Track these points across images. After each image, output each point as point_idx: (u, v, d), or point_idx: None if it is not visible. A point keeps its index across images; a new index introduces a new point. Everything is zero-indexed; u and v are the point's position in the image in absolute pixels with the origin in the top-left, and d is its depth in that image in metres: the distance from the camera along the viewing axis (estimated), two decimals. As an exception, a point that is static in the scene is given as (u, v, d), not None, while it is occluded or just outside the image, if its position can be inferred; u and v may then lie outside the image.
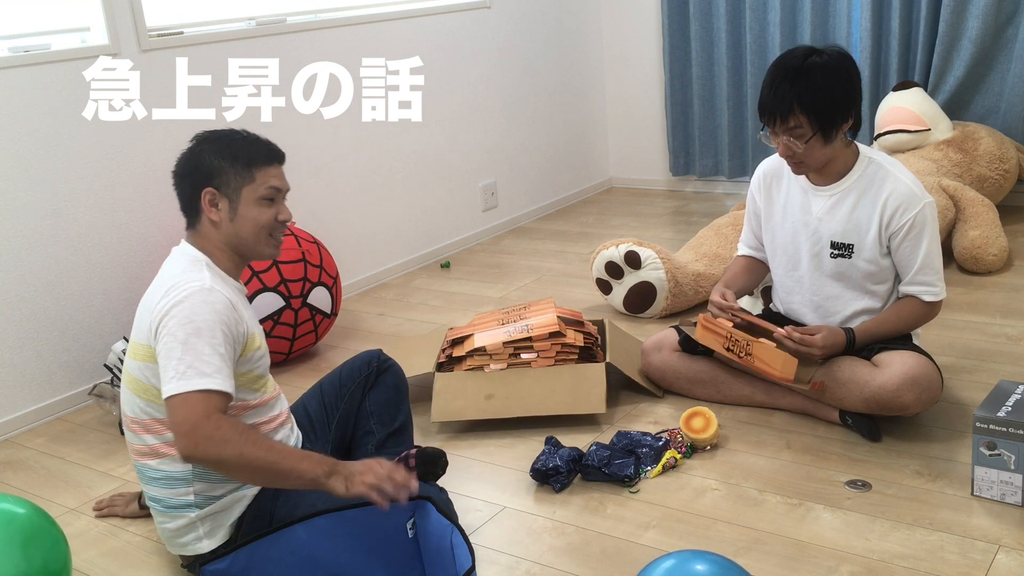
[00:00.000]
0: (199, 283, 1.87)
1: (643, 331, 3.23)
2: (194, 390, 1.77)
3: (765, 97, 2.36)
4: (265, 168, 1.98)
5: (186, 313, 1.82)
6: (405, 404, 2.31)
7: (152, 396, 1.91)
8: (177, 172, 2.02)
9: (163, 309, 1.85)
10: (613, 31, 5.29)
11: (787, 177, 2.57)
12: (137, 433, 1.97)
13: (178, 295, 1.85)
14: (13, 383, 2.96)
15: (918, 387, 2.33)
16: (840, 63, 2.34)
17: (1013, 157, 4.05)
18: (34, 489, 2.60)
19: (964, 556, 1.95)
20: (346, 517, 1.90)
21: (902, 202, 2.38)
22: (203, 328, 1.81)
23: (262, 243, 2.00)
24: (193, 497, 1.95)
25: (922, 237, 2.39)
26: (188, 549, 1.99)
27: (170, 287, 1.88)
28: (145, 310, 1.92)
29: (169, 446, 1.91)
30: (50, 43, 3.04)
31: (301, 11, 3.86)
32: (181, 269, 1.93)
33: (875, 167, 2.44)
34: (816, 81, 2.30)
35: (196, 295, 1.85)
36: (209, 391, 1.77)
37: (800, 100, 2.29)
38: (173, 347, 1.80)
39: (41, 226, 2.97)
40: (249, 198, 1.96)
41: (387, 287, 4.09)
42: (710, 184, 5.26)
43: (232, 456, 1.75)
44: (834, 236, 2.48)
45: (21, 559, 1.84)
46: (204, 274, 1.91)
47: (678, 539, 2.09)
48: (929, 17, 4.24)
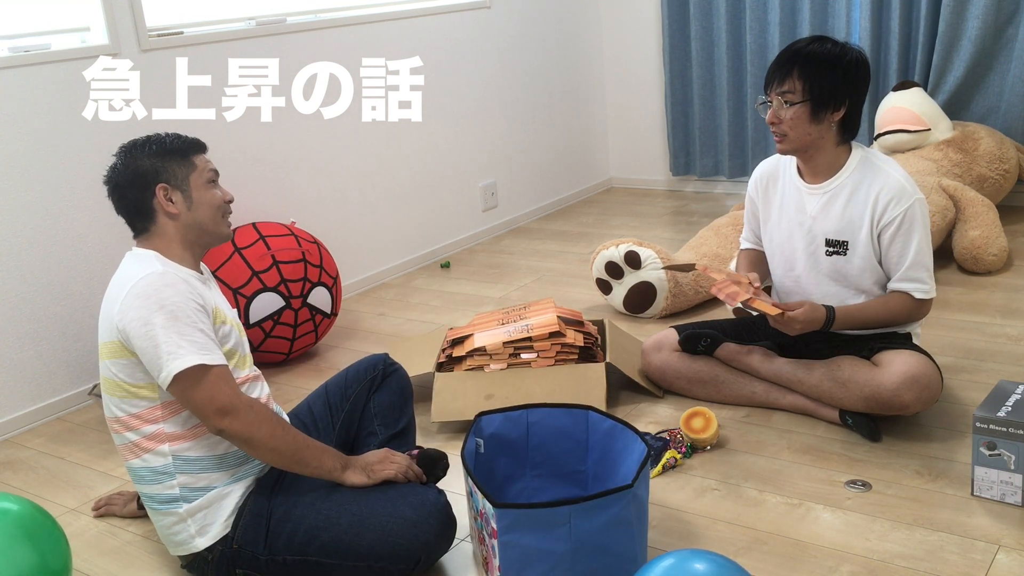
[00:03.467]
0: (152, 270, 1.93)
1: (643, 331, 3.23)
2: (193, 365, 1.85)
3: (772, 64, 2.42)
4: (200, 155, 2.06)
5: (153, 300, 1.88)
6: (409, 407, 2.33)
7: (124, 392, 1.95)
8: (117, 185, 2.03)
9: (124, 302, 1.90)
10: (613, 31, 5.29)
11: (783, 177, 2.58)
12: (119, 432, 2.00)
13: (136, 288, 1.90)
14: (13, 383, 2.96)
15: (918, 386, 2.33)
16: (853, 54, 2.40)
17: (1013, 157, 4.05)
18: (34, 489, 2.60)
19: (964, 556, 1.95)
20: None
21: (892, 196, 2.39)
22: (176, 310, 1.88)
23: (220, 223, 2.07)
24: (178, 490, 1.97)
25: (912, 233, 2.40)
26: (184, 548, 2.01)
27: (125, 283, 1.93)
28: (106, 311, 1.97)
29: (148, 440, 1.96)
30: (50, 43, 3.04)
31: (301, 11, 3.86)
32: (131, 265, 1.99)
33: (867, 164, 2.45)
34: (823, 57, 2.36)
35: (153, 282, 1.90)
36: (208, 365, 1.87)
37: (801, 65, 2.35)
38: (155, 334, 1.86)
39: (41, 226, 2.97)
40: (198, 184, 2.02)
41: (387, 287, 4.09)
42: (710, 184, 5.26)
43: (264, 436, 1.90)
44: (828, 234, 2.48)
45: (22, 558, 1.85)
46: (155, 264, 1.96)
47: (678, 539, 2.09)
48: (929, 17, 4.24)
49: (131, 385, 1.94)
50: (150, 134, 2.06)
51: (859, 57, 2.40)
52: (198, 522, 1.97)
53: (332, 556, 1.92)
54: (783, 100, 2.37)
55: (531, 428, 2.18)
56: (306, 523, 1.94)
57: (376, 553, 1.90)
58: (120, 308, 1.90)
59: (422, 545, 1.91)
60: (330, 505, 1.95)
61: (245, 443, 1.92)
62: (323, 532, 1.92)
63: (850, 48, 2.40)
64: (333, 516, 1.93)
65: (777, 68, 2.40)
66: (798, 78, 2.35)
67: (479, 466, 2.09)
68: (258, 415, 1.91)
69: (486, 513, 1.83)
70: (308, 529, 1.93)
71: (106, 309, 1.97)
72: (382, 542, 1.90)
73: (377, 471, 2.00)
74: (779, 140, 2.44)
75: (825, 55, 2.37)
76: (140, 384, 1.93)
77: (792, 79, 2.36)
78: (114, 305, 1.93)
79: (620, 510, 1.80)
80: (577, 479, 2.19)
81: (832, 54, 2.37)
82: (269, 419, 1.93)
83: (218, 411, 1.87)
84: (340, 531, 1.92)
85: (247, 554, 1.96)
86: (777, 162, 2.62)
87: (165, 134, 2.06)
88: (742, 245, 2.82)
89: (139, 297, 1.88)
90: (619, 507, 1.80)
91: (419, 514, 1.93)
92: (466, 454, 2.00)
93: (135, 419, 1.96)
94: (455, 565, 2.07)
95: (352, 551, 1.91)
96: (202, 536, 1.98)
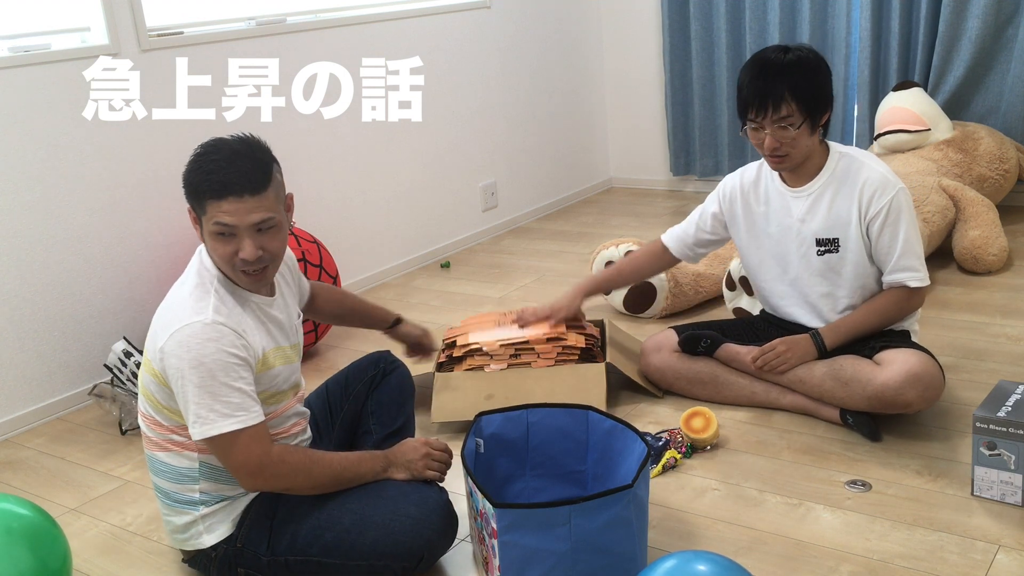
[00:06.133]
0: (199, 317, 1.83)
1: (643, 331, 3.23)
2: (221, 433, 1.81)
3: (753, 90, 2.37)
4: (215, 202, 1.81)
5: (192, 354, 1.80)
6: (408, 406, 2.32)
7: (161, 410, 1.93)
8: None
9: (166, 346, 1.83)
10: (613, 31, 5.28)
11: (762, 185, 2.58)
12: (148, 426, 1.99)
13: (178, 335, 1.82)
14: (13, 383, 2.96)
15: (921, 384, 2.33)
16: (817, 57, 2.41)
17: (1013, 157, 4.05)
18: (34, 489, 2.60)
19: (964, 556, 1.95)
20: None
21: (876, 188, 2.40)
22: (215, 368, 1.80)
23: (235, 275, 1.89)
24: (199, 495, 1.96)
25: (900, 222, 2.40)
26: (189, 544, 2.00)
27: (170, 321, 1.85)
28: (153, 333, 1.91)
29: (177, 445, 1.94)
30: (50, 43, 3.04)
31: (301, 11, 3.86)
32: (188, 293, 1.89)
33: (847, 160, 2.46)
34: (803, 71, 2.35)
35: (197, 333, 1.82)
36: (245, 428, 1.82)
37: (792, 88, 2.32)
38: (188, 391, 1.81)
39: (41, 226, 2.97)
40: (207, 228, 1.85)
41: (387, 287, 4.09)
42: (710, 184, 5.24)
43: (301, 483, 1.92)
44: (818, 233, 2.48)
45: (21, 559, 1.85)
46: (209, 302, 1.86)
47: (678, 539, 2.09)
48: (929, 17, 4.24)
49: (165, 407, 1.92)
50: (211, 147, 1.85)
51: (817, 56, 2.41)
52: (208, 521, 1.97)
53: (335, 556, 1.92)
54: (782, 125, 2.35)
55: (531, 428, 2.18)
56: (309, 523, 1.94)
57: (379, 551, 1.90)
58: (162, 347, 1.84)
59: (425, 543, 1.91)
60: (332, 505, 1.95)
61: (286, 491, 1.95)
62: (326, 531, 1.92)
63: (805, 49, 2.41)
64: (336, 515, 1.93)
65: (766, 93, 2.33)
66: (792, 100, 2.32)
67: (479, 466, 2.09)
68: (291, 467, 1.90)
69: (486, 513, 1.83)
70: (311, 529, 1.93)
71: (154, 328, 1.91)
72: (385, 540, 1.90)
73: (421, 469, 2.01)
74: (779, 161, 2.42)
75: (805, 66, 2.35)
76: (173, 410, 1.91)
77: (787, 102, 2.32)
78: (158, 334, 1.87)
79: (620, 510, 1.80)
80: (577, 479, 2.19)
81: (809, 62, 2.36)
82: (303, 466, 1.91)
83: (250, 474, 1.87)
84: (343, 530, 1.91)
85: (249, 554, 1.96)
86: (751, 172, 2.61)
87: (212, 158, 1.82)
88: (664, 237, 2.83)
89: (180, 346, 1.81)
90: (619, 507, 1.80)
91: (422, 511, 1.93)
92: (466, 454, 2.00)
93: (166, 429, 1.95)
94: (455, 565, 2.07)
95: (355, 550, 1.91)
96: (209, 534, 1.97)
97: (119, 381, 2.90)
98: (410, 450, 2.04)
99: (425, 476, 2.01)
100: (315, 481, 1.93)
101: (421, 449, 2.04)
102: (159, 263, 3.28)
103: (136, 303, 3.23)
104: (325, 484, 1.95)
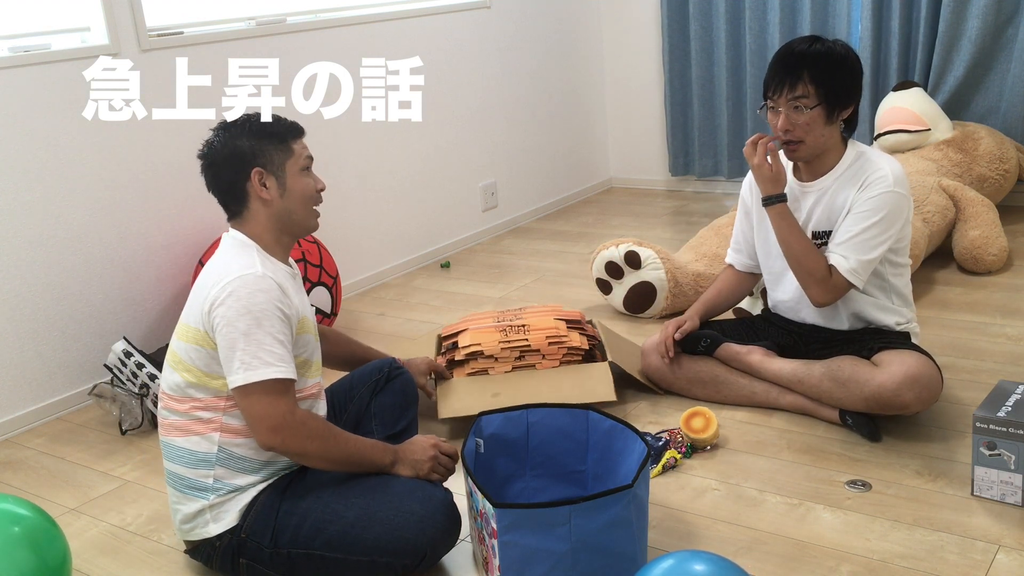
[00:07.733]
0: (251, 271, 1.92)
1: (643, 331, 3.23)
2: (264, 379, 1.86)
3: (773, 68, 2.39)
4: (299, 140, 2.05)
5: (243, 303, 1.88)
6: (411, 411, 2.33)
7: (198, 378, 1.95)
8: (213, 162, 2.02)
9: (217, 297, 1.89)
10: (613, 31, 5.29)
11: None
12: (172, 409, 2.00)
13: (231, 285, 1.89)
14: (13, 383, 2.96)
15: (918, 386, 2.33)
16: (848, 51, 2.41)
17: (1013, 157, 4.06)
18: (34, 489, 2.60)
19: (964, 556, 1.95)
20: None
21: (873, 182, 2.37)
22: (262, 317, 1.88)
23: (309, 214, 2.06)
24: (212, 481, 1.97)
25: (872, 217, 2.35)
26: (195, 533, 2.01)
27: (222, 274, 1.92)
28: (197, 296, 1.96)
29: (201, 424, 1.96)
30: (50, 43, 3.04)
31: (301, 11, 3.86)
32: (233, 256, 1.98)
33: (863, 160, 2.43)
34: (827, 60, 2.35)
35: (249, 283, 1.90)
36: (277, 380, 1.87)
37: (811, 69, 2.32)
38: (236, 339, 1.87)
39: (41, 226, 2.97)
40: (293, 171, 2.02)
41: (387, 287, 4.09)
42: (710, 184, 5.26)
43: (315, 451, 1.94)
44: (815, 227, 2.48)
45: (21, 559, 1.84)
46: (255, 259, 1.95)
47: (678, 539, 2.09)
48: (929, 17, 4.24)
49: (205, 374, 1.95)
50: (249, 113, 2.04)
51: (850, 51, 2.41)
52: (215, 511, 1.98)
53: (337, 550, 1.92)
54: (796, 105, 2.34)
55: (531, 428, 2.18)
56: (312, 516, 1.94)
57: (382, 547, 1.90)
58: (211, 301, 1.90)
59: (428, 540, 1.92)
60: (337, 499, 1.95)
61: (296, 457, 1.96)
62: (329, 525, 1.93)
63: (844, 45, 2.40)
64: (340, 510, 1.94)
65: (785, 73, 2.34)
66: (810, 81, 2.32)
67: (479, 466, 2.10)
68: (310, 431, 1.93)
69: (486, 513, 1.84)
70: (314, 523, 1.94)
71: (197, 294, 1.96)
72: (389, 536, 1.90)
73: (426, 472, 2.03)
74: (793, 149, 2.41)
75: (831, 55, 2.36)
76: (214, 375, 1.94)
77: (804, 83, 2.32)
78: (206, 293, 1.92)
79: (620, 510, 1.81)
80: (577, 479, 2.19)
81: (836, 53, 2.37)
82: (320, 434, 1.95)
83: (271, 428, 1.89)
84: (346, 524, 1.92)
85: (252, 545, 1.96)
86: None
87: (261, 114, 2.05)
88: (729, 259, 2.81)
89: (232, 296, 1.88)
90: (619, 507, 1.80)
91: (427, 509, 1.94)
92: (466, 454, 2.00)
93: (196, 402, 1.97)
94: (455, 565, 2.07)
95: (358, 544, 1.91)
96: (216, 523, 1.98)
97: (119, 381, 2.90)
98: (419, 450, 2.06)
99: (429, 478, 2.04)
100: (328, 454, 1.95)
101: (429, 451, 2.06)
102: (159, 263, 3.28)
103: (136, 303, 3.23)
104: (336, 459, 1.97)
